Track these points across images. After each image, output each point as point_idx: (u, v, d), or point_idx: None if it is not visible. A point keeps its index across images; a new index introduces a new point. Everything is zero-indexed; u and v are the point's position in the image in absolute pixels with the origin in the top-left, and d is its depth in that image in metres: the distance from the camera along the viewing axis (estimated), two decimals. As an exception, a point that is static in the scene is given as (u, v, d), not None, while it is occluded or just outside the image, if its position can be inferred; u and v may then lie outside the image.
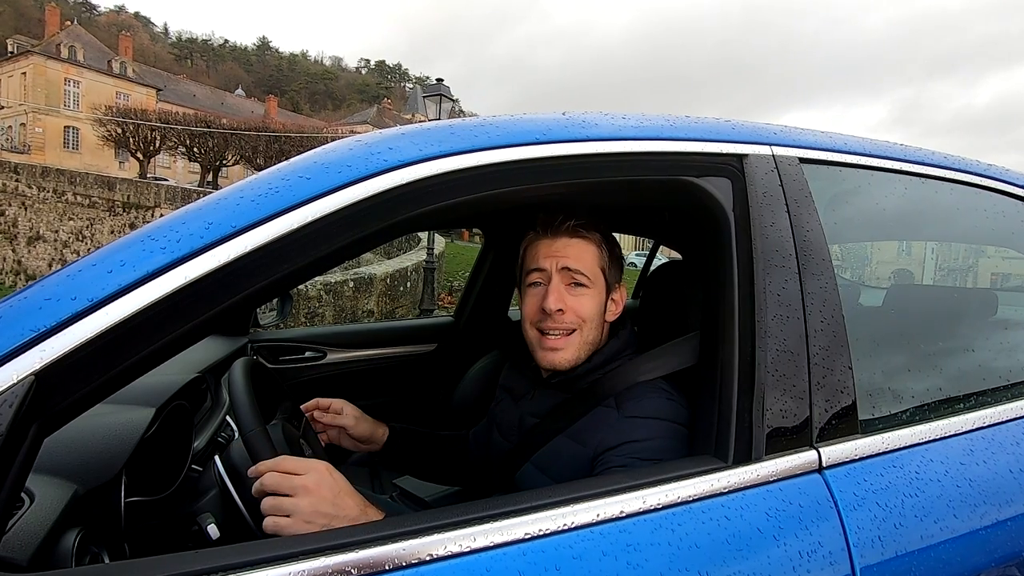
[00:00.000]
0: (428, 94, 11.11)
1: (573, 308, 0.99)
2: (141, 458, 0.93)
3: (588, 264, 1.00)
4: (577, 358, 1.01)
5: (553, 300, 0.97)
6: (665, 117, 0.90)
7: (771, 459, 0.75)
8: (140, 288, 0.58)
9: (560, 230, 1.01)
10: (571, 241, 1.00)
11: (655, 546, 0.66)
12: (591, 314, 1.00)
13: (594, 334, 1.02)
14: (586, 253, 1.01)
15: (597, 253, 1.02)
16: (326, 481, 0.76)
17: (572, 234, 1.00)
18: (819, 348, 0.81)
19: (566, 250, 1.00)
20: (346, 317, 7.01)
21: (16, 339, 0.55)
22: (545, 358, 1.01)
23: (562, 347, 0.99)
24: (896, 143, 1.07)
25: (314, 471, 0.77)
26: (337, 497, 0.75)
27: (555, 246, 1.00)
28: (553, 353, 1.00)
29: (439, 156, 0.71)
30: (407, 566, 0.59)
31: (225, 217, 0.63)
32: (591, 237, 1.02)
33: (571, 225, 1.00)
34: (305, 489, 0.75)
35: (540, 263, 1.01)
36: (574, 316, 0.99)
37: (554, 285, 0.99)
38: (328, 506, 0.74)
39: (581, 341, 1.00)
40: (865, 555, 0.72)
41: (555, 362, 1.00)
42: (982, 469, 0.85)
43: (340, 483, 0.78)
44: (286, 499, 0.75)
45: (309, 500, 0.74)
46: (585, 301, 1.00)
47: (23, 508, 0.70)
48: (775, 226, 0.84)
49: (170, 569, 0.56)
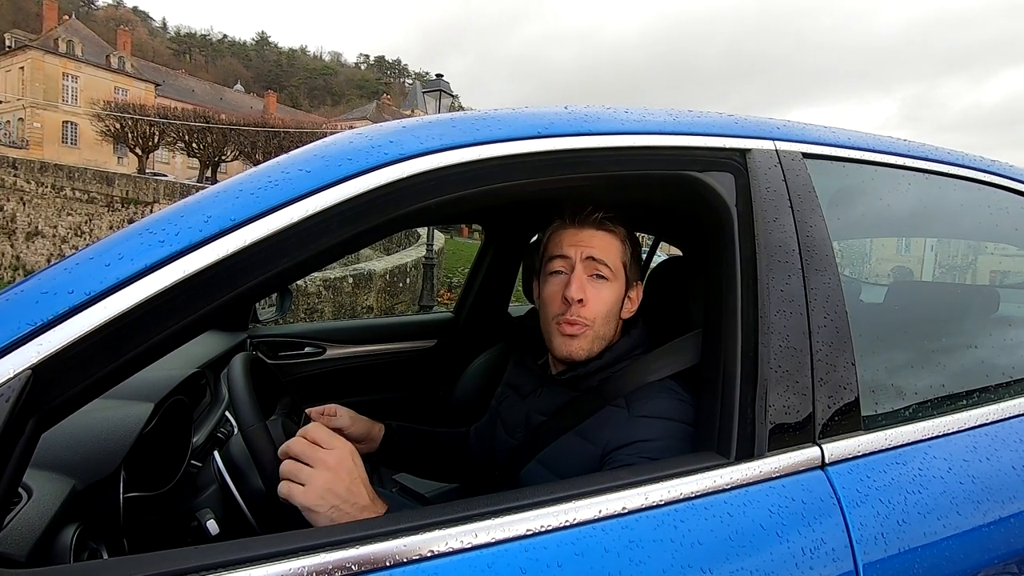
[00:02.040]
0: (428, 90, 11.08)
1: (593, 299, 0.99)
2: (140, 453, 0.92)
3: (612, 257, 1.01)
4: (591, 350, 1.01)
5: (576, 289, 0.97)
6: (668, 111, 0.89)
7: (774, 455, 0.74)
8: (138, 282, 0.58)
9: (587, 221, 1.01)
10: (597, 233, 1.01)
11: (657, 543, 0.65)
12: (609, 306, 1.01)
13: (608, 328, 1.02)
14: (611, 246, 1.01)
15: (621, 248, 1.02)
16: (346, 464, 0.77)
17: (599, 226, 1.01)
18: (822, 344, 0.80)
19: (592, 241, 1.00)
20: (345, 313, 7.01)
21: (13, 333, 0.54)
22: (563, 346, 1.00)
23: (579, 336, 1.00)
24: (900, 139, 1.06)
25: (339, 450, 0.78)
26: (352, 482, 0.76)
27: (581, 236, 1.01)
28: (571, 341, 1.00)
29: (440, 150, 0.70)
30: (408, 562, 0.58)
31: (224, 210, 0.63)
32: (616, 231, 1.02)
33: (599, 217, 1.01)
34: (325, 464, 0.76)
35: (565, 251, 1.01)
36: (593, 307, 0.99)
37: (577, 274, 0.99)
38: (342, 487, 0.75)
39: (597, 335, 1.00)
40: (868, 552, 0.71)
41: (571, 351, 1.00)
42: (985, 466, 0.84)
43: (358, 470, 0.78)
44: (305, 468, 0.76)
45: (326, 476, 0.75)
46: (605, 294, 1.00)
47: (21, 503, 0.69)
48: (778, 221, 0.84)
49: (169, 565, 0.55)
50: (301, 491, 0.74)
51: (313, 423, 0.81)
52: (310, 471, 0.75)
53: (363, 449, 1.21)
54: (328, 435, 0.79)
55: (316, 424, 0.81)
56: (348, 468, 0.77)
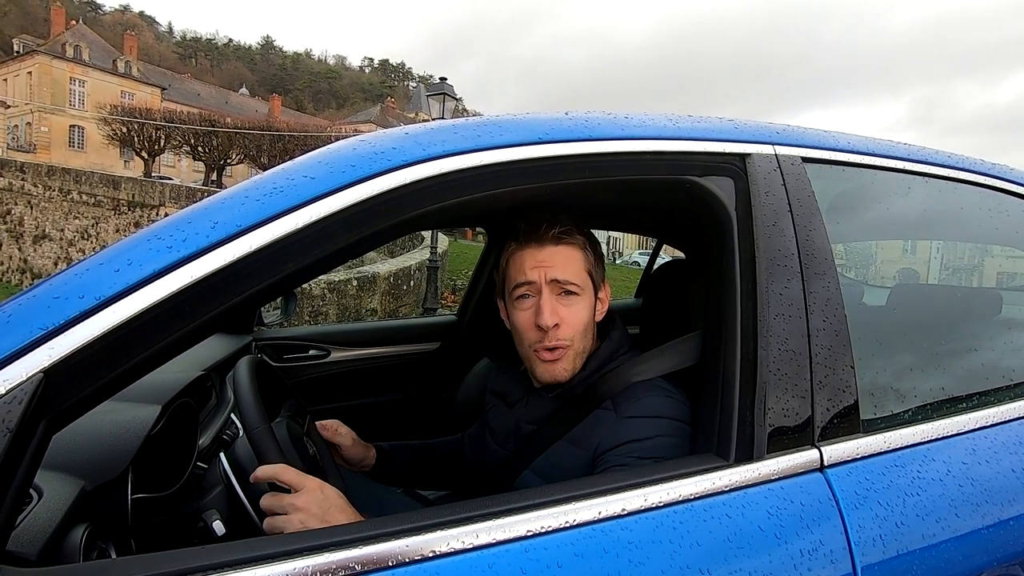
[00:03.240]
0: (432, 93, 11.10)
1: (567, 319, 0.97)
2: (147, 455, 0.94)
3: (576, 271, 0.98)
4: (574, 368, 1.00)
5: (548, 315, 0.95)
6: (668, 116, 0.90)
7: (772, 458, 0.75)
8: (147, 287, 0.59)
9: (545, 238, 0.97)
10: (557, 249, 0.97)
11: (656, 544, 0.66)
12: (584, 321, 0.99)
13: (587, 341, 1.01)
14: (573, 260, 0.98)
15: (583, 257, 1.00)
16: (316, 498, 0.80)
17: (557, 242, 0.97)
18: (821, 347, 0.81)
19: (553, 259, 0.97)
20: (350, 316, 7.02)
21: (25, 337, 0.55)
22: (546, 372, 0.99)
23: (560, 359, 0.98)
24: (899, 142, 1.07)
25: (306, 491, 0.80)
26: (327, 513, 0.79)
27: (541, 256, 0.97)
28: (553, 365, 0.98)
29: (442, 156, 0.72)
30: (410, 562, 0.59)
31: (230, 216, 0.64)
32: (575, 242, 0.99)
33: (555, 233, 0.97)
34: (294, 507, 0.79)
35: (528, 275, 0.97)
36: (568, 327, 0.97)
37: (545, 299, 0.96)
38: (316, 522, 0.77)
39: (577, 351, 0.99)
40: (866, 554, 0.72)
41: (556, 375, 0.99)
42: (984, 469, 0.85)
43: (331, 499, 0.81)
44: (279, 517, 0.80)
45: (299, 517, 0.78)
46: (577, 310, 0.98)
47: (32, 504, 0.71)
48: (778, 225, 0.84)
49: (176, 564, 0.56)
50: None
51: (281, 465, 0.84)
52: (284, 518, 0.79)
53: (358, 470, 1.24)
54: (295, 475, 0.82)
55: (282, 467, 0.84)
56: (318, 502, 0.79)
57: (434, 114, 10.67)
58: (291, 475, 0.82)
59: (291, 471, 0.83)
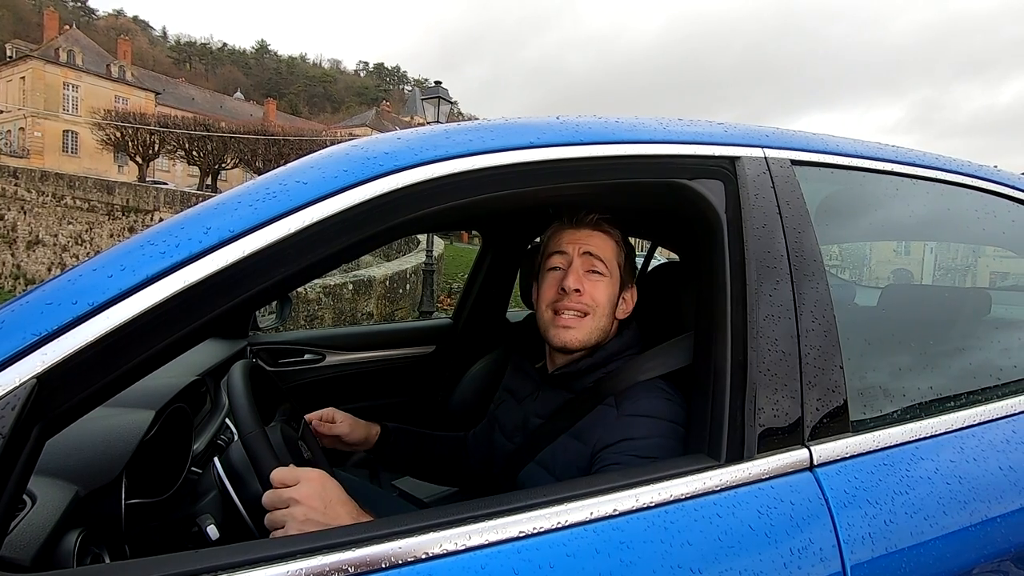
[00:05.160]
0: (426, 96, 11.11)
1: (589, 291, 1.04)
2: (141, 460, 0.94)
3: (608, 254, 1.07)
4: (586, 341, 1.04)
5: (573, 280, 1.03)
6: (658, 120, 0.91)
7: (763, 457, 0.76)
8: (140, 292, 0.59)
9: (585, 221, 1.07)
10: (594, 232, 1.07)
11: (648, 544, 0.67)
12: (604, 300, 1.05)
13: (604, 322, 1.06)
14: (607, 245, 1.07)
15: (616, 248, 1.08)
16: (316, 491, 0.79)
17: (595, 227, 1.07)
18: (811, 348, 0.82)
19: (589, 239, 1.06)
20: (345, 319, 7.01)
21: (19, 343, 0.56)
22: (558, 336, 1.04)
23: (575, 326, 1.04)
24: (888, 144, 1.08)
25: (305, 481, 0.80)
26: (328, 506, 0.78)
27: (578, 235, 1.07)
28: (566, 331, 1.04)
29: (435, 160, 0.72)
30: (403, 564, 0.60)
31: (224, 222, 0.64)
32: (612, 233, 1.08)
33: (595, 218, 1.07)
34: (295, 500, 0.78)
35: (563, 247, 1.07)
36: (589, 299, 1.04)
37: (574, 267, 1.04)
38: (319, 515, 0.77)
39: (592, 326, 1.04)
40: (856, 552, 0.73)
41: (567, 340, 1.04)
42: (972, 467, 0.86)
43: (332, 492, 0.80)
44: (279, 512, 0.79)
45: (301, 509, 0.77)
46: (600, 287, 1.05)
47: (25, 509, 0.71)
48: (767, 228, 0.85)
49: (170, 569, 0.56)
50: (283, 533, 0.77)
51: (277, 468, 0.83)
52: (284, 512, 0.78)
53: (363, 450, 1.26)
54: (291, 472, 0.82)
55: (277, 468, 0.83)
56: (319, 494, 0.79)
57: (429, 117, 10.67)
58: (284, 473, 0.82)
59: (284, 470, 0.82)
